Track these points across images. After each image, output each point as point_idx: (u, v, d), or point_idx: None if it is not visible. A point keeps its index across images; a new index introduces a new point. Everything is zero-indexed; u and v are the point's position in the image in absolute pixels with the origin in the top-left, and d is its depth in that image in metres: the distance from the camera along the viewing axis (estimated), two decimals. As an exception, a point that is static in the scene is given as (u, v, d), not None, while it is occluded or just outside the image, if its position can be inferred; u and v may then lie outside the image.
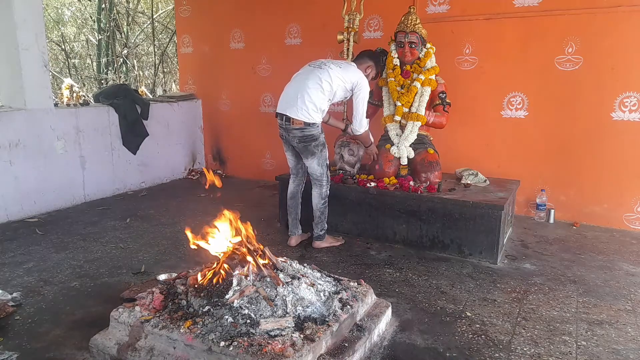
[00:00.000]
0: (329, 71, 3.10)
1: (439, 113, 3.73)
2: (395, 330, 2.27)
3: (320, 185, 3.28)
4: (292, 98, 3.08)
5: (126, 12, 9.74)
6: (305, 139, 3.10)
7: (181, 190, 5.21)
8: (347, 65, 3.27)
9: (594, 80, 3.86)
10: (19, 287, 2.72)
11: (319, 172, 3.24)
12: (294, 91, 3.10)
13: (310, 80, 3.07)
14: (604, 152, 3.91)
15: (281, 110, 3.13)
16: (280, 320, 1.85)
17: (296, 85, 3.11)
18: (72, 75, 9.62)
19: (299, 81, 3.12)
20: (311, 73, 3.12)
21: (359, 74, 3.23)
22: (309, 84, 3.06)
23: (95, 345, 2.01)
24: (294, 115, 3.06)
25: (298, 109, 3.05)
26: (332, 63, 3.21)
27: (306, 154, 3.19)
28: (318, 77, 3.07)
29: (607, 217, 3.97)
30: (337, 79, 3.11)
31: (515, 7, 4.05)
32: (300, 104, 3.05)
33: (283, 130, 3.18)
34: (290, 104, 3.08)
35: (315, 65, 3.18)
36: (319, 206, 3.32)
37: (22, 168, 4.03)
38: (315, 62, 3.25)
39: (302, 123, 3.06)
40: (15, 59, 4.02)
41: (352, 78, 3.18)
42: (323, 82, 3.07)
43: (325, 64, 3.17)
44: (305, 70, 3.20)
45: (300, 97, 3.04)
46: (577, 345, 2.18)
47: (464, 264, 3.16)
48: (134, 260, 3.18)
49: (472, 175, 3.79)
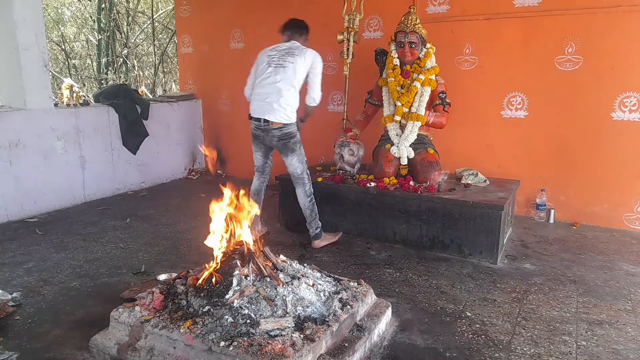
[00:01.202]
0: (294, 66, 3.19)
1: (439, 113, 3.73)
2: (395, 330, 2.27)
3: (302, 183, 3.37)
4: (268, 103, 3.19)
5: (126, 12, 9.74)
6: (284, 136, 3.24)
7: (181, 190, 5.21)
8: (300, 51, 3.26)
9: (594, 80, 3.86)
10: (19, 287, 2.72)
11: (300, 169, 3.34)
12: (269, 96, 3.19)
13: (282, 82, 3.18)
14: (604, 152, 3.91)
15: (259, 115, 3.23)
16: (280, 320, 1.85)
17: (270, 90, 3.20)
18: (72, 75, 9.62)
19: (271, 84, 3.20)
20: (280, 74, 3.19)
21: (310, 54, 3.27)
22: (282, 86, 3.17)
23: (95, 345, 2.01)
24: (272, 119, 3.17)
25: (276, 112, 3.17)
26: (289, 55, 3.23)
27: (286, 151, 3.29)
28: (288, 78, 3.18)
29: (607, 217, 3.97)
30: (301, 72, 3.22)
31: (515, 7, 4.05)
32: (277, 107, 3.17)
33: (260, 131, 3.27)
34: (268, 108, 3.19)
35: (277, 65, 3.22)
36: (307, 205, 3.39)
37: (22, 168, 4.03)
38: (273, 59, 3.26)
39: (281, 124, 3.19)
40: (15, 59, 4.02)
41: (308, 61, 3.24)
42: (294, 81, 3.20)
43: (285, 60, 3.21)
44: (272, 72, 3.23)
45: (277, 102, 3.17)
46: (577, 345, 2.18)
47: (464, 264, 3.16)
48: (134, 260, 3.18)
49: (472, 175, 3.79)
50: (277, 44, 3.36)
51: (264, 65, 3.26)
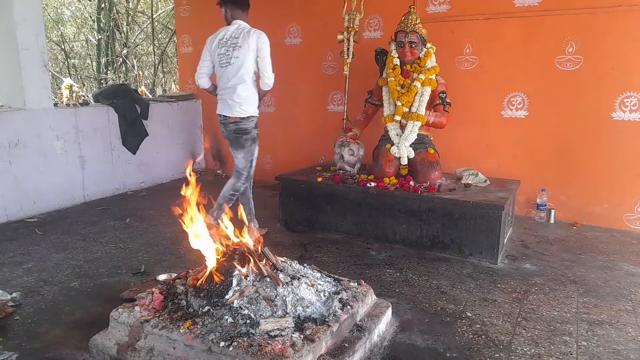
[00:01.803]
0: (241, 61, 3.26)
1: (439, 113, 3.72)
2: (396, 331, 2.27)
3: (238, 177, 3.49)
4: (225, 100, 3.36)
5: (126, 12, 9.74)
6: (238, 131, 3.38)
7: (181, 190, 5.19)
8: (243, 40, 3.26)
9: (594, 80, 3.86)
10: (19, 287, 2.72)
11: (242, 165, 3.47)
12: (225, 93, 3.35)
13: (233, 79, 3.29)
14: (605, 152, 3.91)
15: (219, 111, 3.42)
16: (280, 321, 1.85)
17: (225, 88, 3.33)
18: (72, 75, 9.62)
19: (225, 84, 3.32)
20: (230, 72, 3.29)
21: (253, 39, 3.27)
22: (234, 83, 3.29)
23: (95, 346, 2.00)
24: (229, 114, 3.36)
25: (232, 108, 3.34)
26: (234, 50, 3.27)
27: (236, 145, 3.44)
28: (238, 74, 3.28)
29: (608, 217, 3.97)
30: (249, 63, 3.28)
31: (515, 7, 4.05)
32: (232, 103, 3.33)
33: (222, 126, 3.45)
34: (225, 104, 3.37)
35: (226, 63, 3.29)
36: (226, 195, 3.47)
37: (21, 168, 4.03)
38: (222, 58, 3.30)
39: (237, 118, 3.35)
40: (15, 58, 4.01)
41: (253, 47, 3.27)
42: (245, 75, 3.29)
43: (232, 57, 3.27)
44: (224, 72, 3.31)
45: (231, 98, 3.32)
46: (578, 345, 2.18)
47: (464, 264, 3.16)
48: (133, 260, 3.17)
49: (473, 175, 3.79)
50: (223, 31, 3.34)
51: (217, 65, 3.35)
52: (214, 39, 3.36)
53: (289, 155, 5.37)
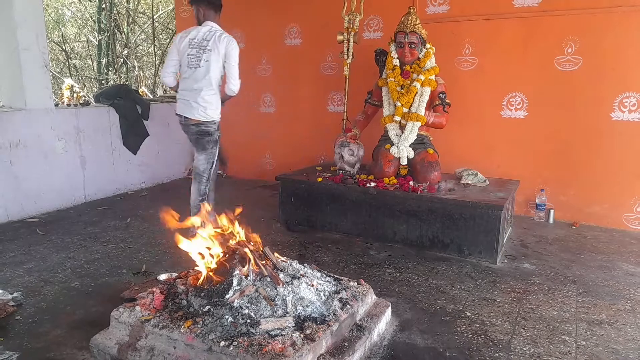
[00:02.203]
0: (209, 65, 3.26)
1: (439, 113, 3.73)
2: (395, 330, 2.28)
3: (200, 181, 3.45)
4: (188, 102, 3.33)
5: (126, 13, 9.75)
6: (200, 132, 3.37)
7: (181, 190, 5.19)
8: (213, 44, 3.26)
9: (593, 81, 3.87)
10: (20, 287, 2.72)
11: (203, 167, 3.44)
12: (189, 95, 3.32)
13: (200, 82, 3.28)
14: (604, 152, 3.91)
15: (180, 112, 3.38)
16: (281, 320, 1.86)
17: (190, 90, 3.31)
18: (73, 76, 9.63)
19: (191, 86, 3.30)
20: (198, 75, 3.27)
21: (223, 44, 3.26)
22: (200, 86, 3.28)
23: (96, 345, 2.01)
24: (190, 116, 3.33)
25: (194, 110, 3.32)
26: (204, 52, 3.26)
27: (198, 147, 3.42)
28: (205, 78, 3.27)
29: (607, 217, 3.97)
30: (216, 67, 3.28)
31: (515, 7, 4.06)
32: (196, 106, 3.31)
33: (183, 126, 3.43)
34: (188, 106, 3.33)
35: (195, 65, 3.28)
36: (196, 203, 3.42)
37: (22, 168, 4.04)
38: (192, 60, 3.28)
39: (199, 121, 3.34)
40: (15, 59, 4.02)
41: (222, 52, 3.27)
42: (212, 80, 3.29)
43: (201, 60, 3.26)
44: (192, 74, 3.29)
45: (195, 101, 3.30)
46: (577, 345, 2.19)
47: (464, 263, 3.17)
48: (134, 260, 3.18)
49: (472, 175, 3.79)
50: (194, 31, 3.31)
51: (185, 65, 3.32)
52: (184, 38, 3.31)
53: (289, 155, 5.37)
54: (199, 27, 3.33)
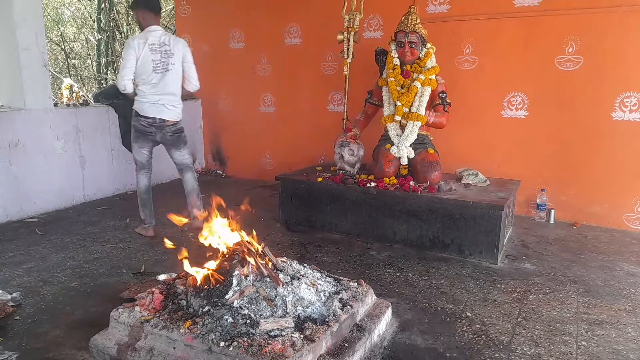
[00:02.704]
0: (176, 68, 3.49)
1: (439, 113, 3.72)
2: (396, 331, 2.27)
3: (191, 169, 3.78)
4: (162, 104, 3.48)
5: (126, 12, 9.73)
6: (177, 131, 3.62)
7: (181, 190, 5.18)
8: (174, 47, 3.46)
9: (594, 80, 3.86)
10: (19, 287, 2.72)
11: (189, 159, 3.76)
12: (162, 99, 3.47)
13: (171, 85, 3.50)
14: (604, 152, 3.91)
15: (154, 115, 3.47)
16: (280, 321, 1.85)
17: (163, 94, 3.47)
18: (72, 75, 9.63)
19: (163, 89, 3.46)
20: (168, 79, 3.46)
21: (180, 47, 3.51)
22: (172, 89, 3.51)
23: (95, 346, 2.00)
24: (167, 117, 3.51)
25: (171, 112, 3.52)
26: (169, 57, 3.44)
27: (179, 144, 3.65)
28: (175, 81, 3.51)
29: (608, 217, 3.97)
30: (180, 69, 3.54)
31: (515, 7, 4.05)
32: (172, 108, 3.52)
33: (154, 128, 3.51)
34: (162, 109, 3.49)
35: (163, 70, 3.44)
36: (196, 186, 3.78)
37: (22, 168, 4.03)
38: (157, 65, 3.41)
39: (175, 121, 3.58)
40: (15, 59, 4.02)
41: (181, 54, 3.52)
42: (179, 81, 3.56)
43: (168, 64, 3.45)
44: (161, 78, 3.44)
45: (170, 103, 3.51)
46: (578, 345, 2.18)
47: (464, 264, 3.16)
48: (133, 260, 3.17)
49: (472, 175, 3.79)
50: (150, 37, 3.40)
51: (150, 71, 3.40)
52: (141, 45, 3.37)
53: (289, 155, 5.37)
54: (150, 32, 3.43)
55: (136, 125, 3.51)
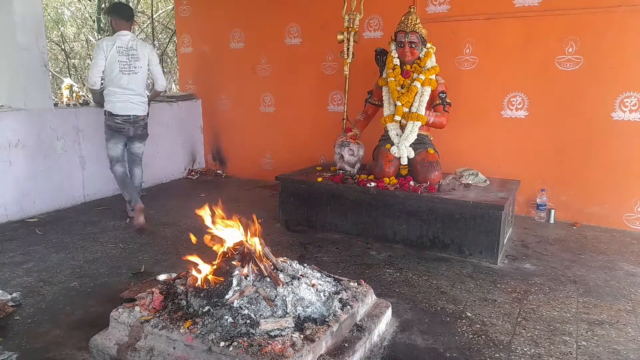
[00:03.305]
0: (143, 70, 3.87)
1: (439, 113, 3.72)
2: (396, 331, 2.27)
3: (140, 163, 4.15)
4: (134, 102, 3.85)
5: (126, 12, 9.71)
6: (145, 126, 4.03)
7: (181, 190, 5.21)
8: (140, 51, 3.83)
9: (594, 80, 3.86)
10: (19, 287, 2.72)
11: (142, 151, 4.14)
12: (133, 98, 3.84)
13: (140, 85, 3.88)
14: (605, 152, 3.91)
15: (128, 112, 3.84)
16: (280, 321, 1.85)
17: (132, 93, 3.84)
18: (72, 75, 9.63)
19: (132, 89, 3.83)
20: (135, 79, 3.83)
21: (146, 51, 3.89)
22: (139, 89, 3.88)
23: (95, 346, 2.00)
24: (139, 113, 3.91)
25: (140, 107, 3.91)
26: (136, 61, 3.81)
27: (142, 138, 4.06)
28: (141, 80, 3.89)
29: (608, 217, 3.97)
30: (145, 71, 3.92)
31: (515, 7, 4.05)
32: (141, 104, 3.91)
33: (128, 124, 3.87)
34: (134, 106, 3.87)
35: (130, 72, 3.80)
36: (141, 180, 4.19)
37: (21, 168, 4.03)
38: (125, 66, 3.77)
39: (145, 116, 3.99)
40: (15, 59, 4.02)
41: (147, 58, 3.90)
42: (145, 80, 3.96)
43: (135, 67, 3.81)
44: (129, 79, 3.80)
45: (140, 100, 3.90)
46: (578, 345, 2.18)
47: (464, 264, 3.16)
48: (133, 260, 3.17)
49: (473, 175, 3.79)
50: (118, 40, 3.75)
51: (117, 72, 3.75)
52: (109, 47, 3.72)
53: (289, 155, 5.37)
54: (119, 36, 3.78)
55: (110, 124, 3.84)
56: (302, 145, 5.29)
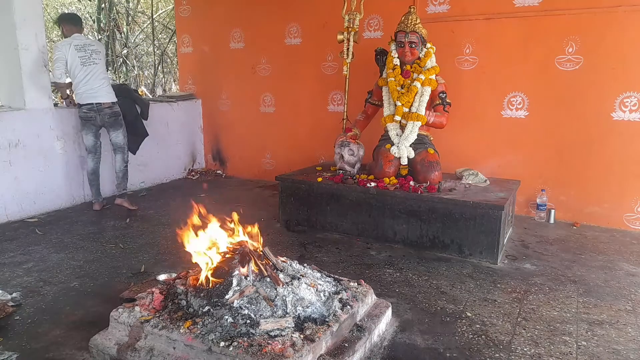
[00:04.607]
0: (102, 61, 4.22)
1: (439, 113, 3.72)
2: (396, 331, 2.27)
3: (122, 151, 4.36)
4: (97, 90, 4.11)
5: (126, 12, 9.75)
6: (114, 114, 4.21)
7: (181, 190, 5.20)
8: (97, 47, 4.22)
9: (594, 80, 3.86)
10: (19, 287, 2.72)
11: (122, 141, 4.34)
12: (98, 85, 4.11)
13: (101, 74, 4.16)
14: (605, 152, 3.91)
15: (92, 100, 4.08)
16: (280, 321, 1.85)
17: (97, 82, 4.12)
18: (72, 75, 9.59)
19: (96, 78, 4.12)
20: (97, 70, 4.13)
21: (101, 46, 4.40)
22: (102, 77, 4.17)
23: (95, 346, 2.00)
24: (104, 100, 4.12)
25: (106, 96, 4.14)
26: (95, 54, 4.14)
27: (116, 126, 4.25)
28: (102, 70, 4.20)
29: (608, 217, 3.97)
30: (104, 63, 4.27)
31: (515, 7, 4.05)
32: (105, 92, 4.15)
33: (94, 112, 4.10)
34: (99, 94, 4.11)
35: (92, 62, 4.10)
36: (121, 168, 4.37)
37: (21, 168, 4.03)
38: (86, 60, 4.07)
39: (111, 103, 4.17)
40: (15, 58, 4.01)
41: (103, 52, 4.30)
42: (104, 72, 4.23)
43: (95, 58, 4.13)
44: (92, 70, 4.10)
45: (104, 88, 4.15)
46: (578, 345, 2.18)
47: (464, 264, 3.16)
48: (133, 260, 3.17)
49: (473, 175, 3.79)
50: (75, 40, 4.05)
51: (79, 65, 4.04)
52: (67, 46, 4.00)
53: (289, 155, 5.37)
54: (74, 38, 4.07)
55: (80, 115, 4.13)
56: (302, 145, 5.29)
